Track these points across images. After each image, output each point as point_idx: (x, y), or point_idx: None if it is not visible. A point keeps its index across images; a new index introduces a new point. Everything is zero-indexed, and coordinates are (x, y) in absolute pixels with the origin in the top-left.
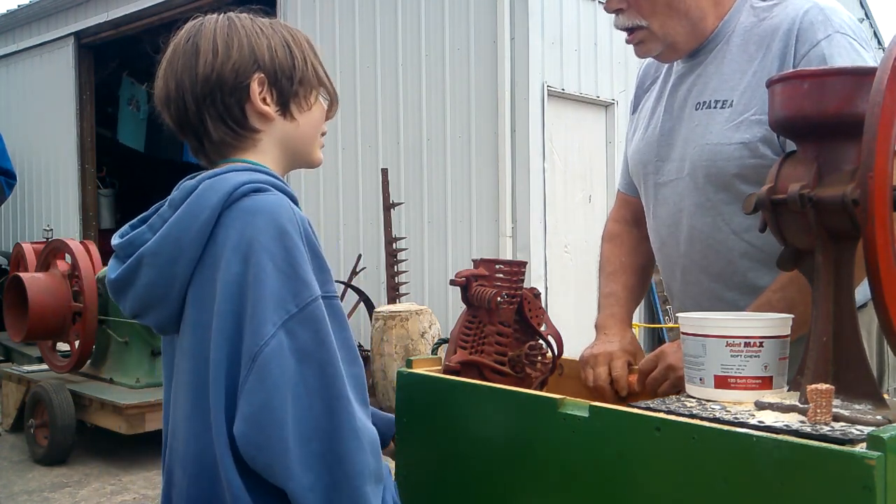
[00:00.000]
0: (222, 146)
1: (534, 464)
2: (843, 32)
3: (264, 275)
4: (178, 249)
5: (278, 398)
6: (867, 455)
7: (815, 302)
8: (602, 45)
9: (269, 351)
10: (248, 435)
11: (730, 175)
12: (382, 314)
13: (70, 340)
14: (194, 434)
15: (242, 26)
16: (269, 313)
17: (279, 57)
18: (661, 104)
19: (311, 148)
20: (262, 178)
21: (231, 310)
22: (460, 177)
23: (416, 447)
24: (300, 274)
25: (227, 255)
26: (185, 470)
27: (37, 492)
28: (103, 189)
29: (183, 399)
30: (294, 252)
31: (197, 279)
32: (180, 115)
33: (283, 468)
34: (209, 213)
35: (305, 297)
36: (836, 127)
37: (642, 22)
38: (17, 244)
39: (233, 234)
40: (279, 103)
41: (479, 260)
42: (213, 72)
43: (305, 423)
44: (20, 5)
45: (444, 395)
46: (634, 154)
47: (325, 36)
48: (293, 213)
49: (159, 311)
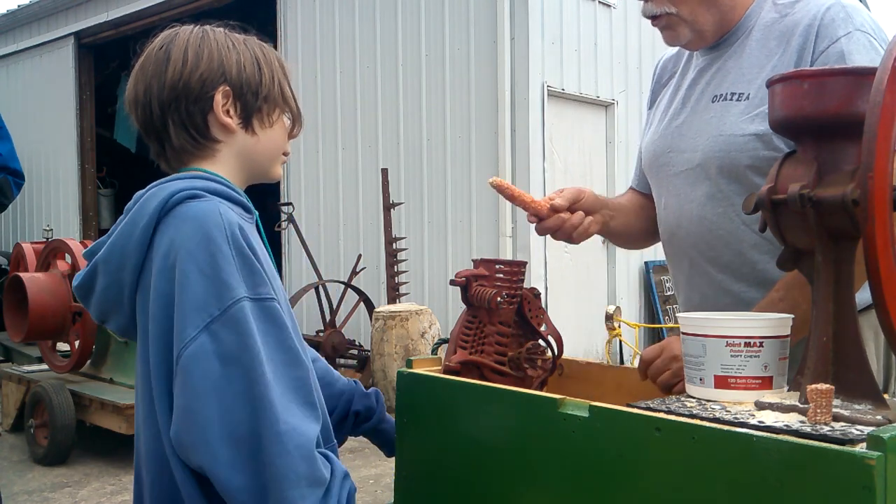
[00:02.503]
0: (182, 153)
1: (534, 464)
2: (863, 31)
3: (187, 279)
4: (123, 256)
5: (201, 400)
6: (867, 455)
7: (815, 302)
8: (602, 45)
9: (189, 353)
10: (178, 436)
11: (742, 166)
12: (382, 314)
13: (70, 340)
14: (151, 436)
15: (215, 39)
16: (192, 317)
17: (247, 72)
18: (678, 97)
19: (270, 163)
20: (200, 185)
21: (163, 315)
22: (460, 177)
23: (416, 447)
24: (222, 277)
25: (158, 262)
26: (147, 470)
27: (37, 492)
28: (103, 189)
29: (140, 402)
30: (217, 256)
31: (141, 285)
32: (146, 118)
33: (212, 470)
34: (147, 220)
35: (227, 299)
36: (836, 127)
37: (672, 9)
38: (17, 244)
39: (165, 240)
40: (242, 117)
41: (479, 260)
42: (180, 80)
43: (233, 425)
44: (20, 5)
45: (444, 395)
46: (649, 146)
47: (325, 36)
48: (221, 218)
49: (117, 315)
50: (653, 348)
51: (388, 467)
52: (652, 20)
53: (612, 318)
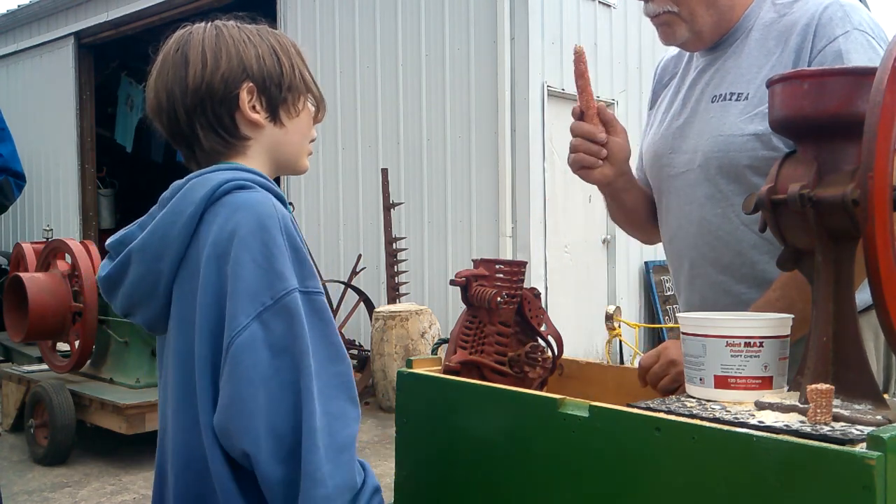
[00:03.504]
0: (213, 154)
1: (534, 464)
2: (861, 30)
3: (240, 268)
4: (164, 245)
5: (249, 389)
6: (867, 455)
7: (814, 302)
8: (602, 45)
9: (241, 342)
10: (223, 424)
11: (742, 166)
12: (382, 314)
13: (70, 340)
14: (182, 428)
15: (230, 35)
16: (244, 305)
17: (267, 65)
18: (679, 98)
19: (299, 154)
20: (247, 177)
21: (212, 303)
22: (460, 177)
23: (416, 447)
24: (276, 267)
25: (208, 250)
26: (174, 464)
27: (37, 492)
28: (103, 189)
29: (171, 395)
30: (271, 246)
31: (182, 275)
32: (172, 125)
33: (256, 459)
34: (193, 208)
35: (280, 289)
36: (836, 127)
37: (673, 8)
38: (17, 244)
39: (215, 229)
40: (269, 110)
41: (479, 260)
42: (202, 83)
43: (279, 416)
44: (20, 5)
45: (444, 395)
46: (649, 147)
47: (325, 36)
48: (274, 209)
49: (147, 307)
50: (650, 354)
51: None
52: (652, 17)
53: (612, 318)
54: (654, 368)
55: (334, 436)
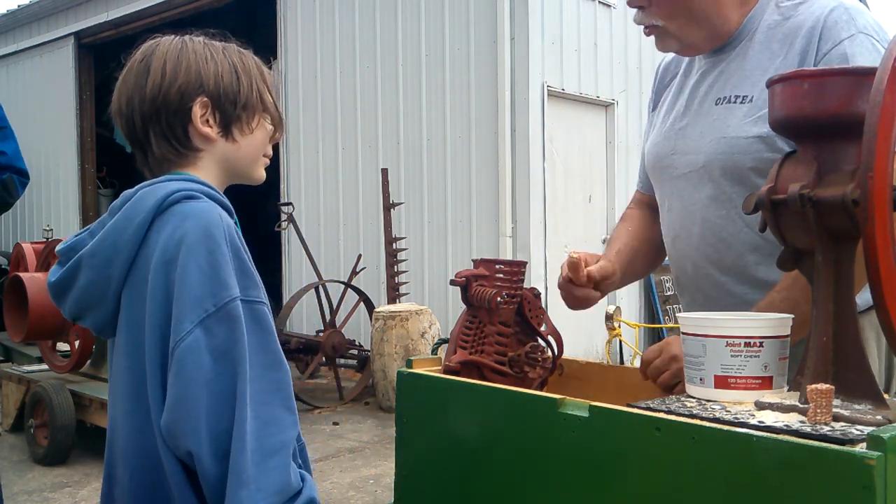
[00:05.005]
0: (164, 162)
1: (534, 464)
2: (866, 33)
3: (187, 275)
4: (114, 251)
5: (192, 391)
6: (867, 455)
7: (814, 302)
8: (602, 45)
9: (185, 346)
10: (168, 424)
11: (745, 168)
12: (382, 314)
13: (70, 340)
14: (135, 428)
15: (193, 50)
16: (188, 311)
17: (224, 81)
18: (681, 100)
19: (252, 167)
20: (195, 187)
21: (161, 307)
22: (460, 177)
23: (416, 447)
24: (220, 275)
25: (156, 256)
26: (126, 464)
27: (37, 492)
28: (103, 189)
29: (121, 398)
30: (217, 254)
31: (131, 280)
32: (129, 129)
33: (198, 457)
34: (143, 216)
35: (223, 297)
36: (836, 127)
37: (659, 22)
38: (17, 244)
39: (164, 236)
40: (221, 126)
41: (479, 260)
42: (159, 93)
43: (219, 417)
44: (20, 5)
45: (444, 395)
46: (652, 148)
47: (325, 36)
48: (220, 219)
49: (97, 311)
50: (652, 349)
51: (388, 467)
52: (644, 29)
53: (612, 318)
54: (656, 363)
55: (262, 440)
